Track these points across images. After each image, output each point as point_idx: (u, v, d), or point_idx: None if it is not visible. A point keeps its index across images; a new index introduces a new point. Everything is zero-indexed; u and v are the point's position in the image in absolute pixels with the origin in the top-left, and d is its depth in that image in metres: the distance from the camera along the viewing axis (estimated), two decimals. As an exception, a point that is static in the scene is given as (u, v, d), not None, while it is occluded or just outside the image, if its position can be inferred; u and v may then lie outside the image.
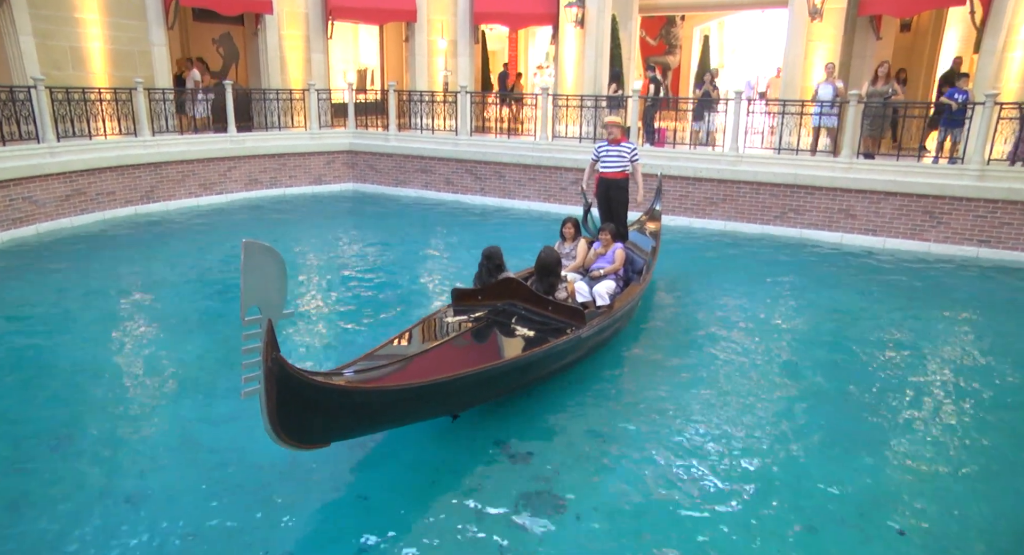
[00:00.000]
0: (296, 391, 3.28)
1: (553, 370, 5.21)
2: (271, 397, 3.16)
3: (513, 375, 4.66)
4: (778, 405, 5.28)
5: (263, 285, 2.90)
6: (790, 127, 11.20)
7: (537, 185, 12.79)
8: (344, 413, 3.69)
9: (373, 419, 3.97)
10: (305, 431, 3.49)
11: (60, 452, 4.43)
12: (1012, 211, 9.38)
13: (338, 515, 3.87)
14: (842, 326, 7.01)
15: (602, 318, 5.58)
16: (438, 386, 4.04)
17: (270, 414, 3.20)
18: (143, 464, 4.30)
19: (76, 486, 4.06)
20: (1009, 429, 4.98)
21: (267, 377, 3.10)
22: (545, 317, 5.28)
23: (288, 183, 14.02)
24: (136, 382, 5.46)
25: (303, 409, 3.38)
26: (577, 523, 3.81)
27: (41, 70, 11.00)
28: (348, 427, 3.89)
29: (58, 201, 10.48)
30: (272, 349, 3.08)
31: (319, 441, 3.67)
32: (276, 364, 3.13)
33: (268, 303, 2.97)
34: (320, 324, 6.91)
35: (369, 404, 3.78)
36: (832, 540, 3.72)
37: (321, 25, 15.31)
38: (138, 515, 3.80)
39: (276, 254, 2.92)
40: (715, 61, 24.98)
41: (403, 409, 4.07)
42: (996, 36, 11.26)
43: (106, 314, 6.97)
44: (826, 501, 4.06)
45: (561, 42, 15.25)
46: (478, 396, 4.64)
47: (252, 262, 2.85)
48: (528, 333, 5.06)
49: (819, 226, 10.62)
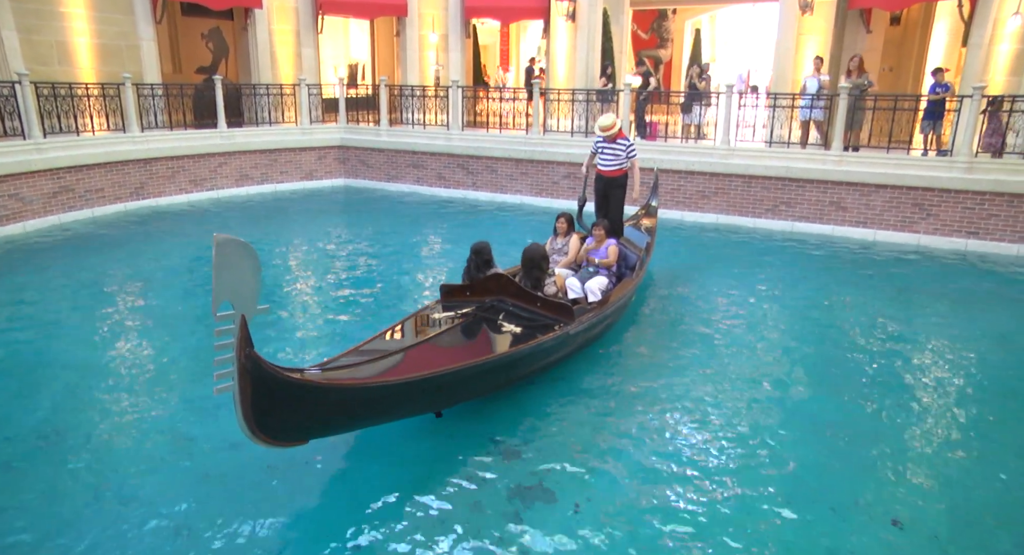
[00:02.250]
0: (271, 388, 3.24)
1: (541, 367, 5.17)
2: (245, 394, 3.13)
3: (498, 372, 4.60)
4: (770, 396, 5.30)
5: (236, 281, 2.89)
6: (781, 120, 11.24)
7: (529, 179, 12.77)
8: (321, 410, 3.64)
9: (352, 416, 3.92)
10: (281, 428, 3.45)
11: (48, 451, 4.39)
12: (999, 203, 9.45)
13: (331, 511, 3.86)
14: (834, 318, 7.05)
15: (591, 314, 5.53)
16: (419, 383, 3.98)
17: (244, 411, 3.18)
18: (134, 463, 4.28)
19: (66, 486, 4.03)
20: (1002, 420, 5.02)
21: (241, 374, 3.07)
22: (533, 313, 5.23)
23: (279, 179, 13.95)
24: (126, 380, 5.42)
25: (279, 406, 3.34)
26: (571, 517, 3.81)
27: (26, 65, 10.88)
28: (326, 424, 3.83)
29: (46, 198, 10.38)
30: (246, 345, 3.05)
31: (296, 438, 3.63)
32: (250, 360, 3.09)
33: (242, 299, 2.94)
34: (308, 319, 6.88)
35: (347, 401, 3.72)
36: (826, 530, 3.74)
37: (311, 19, 15.21)
38: (130, 515, 3.78)
39: (250, 249, 2.90)
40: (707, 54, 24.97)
41: (383, 406, 4.02)
42: (983, 29, 11.32)
43: (95, 312, 6.92)
44: (820, 491, 4.08)
45: (553, 36, 15.21)
46: (461, 393, 4.58)
47: (224, 258, 2.83)
48: (515, 329, 5.01)
49: (810, 219, 10.66)
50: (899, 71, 14.81)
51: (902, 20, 14.57)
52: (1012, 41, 11.00)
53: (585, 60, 14.75)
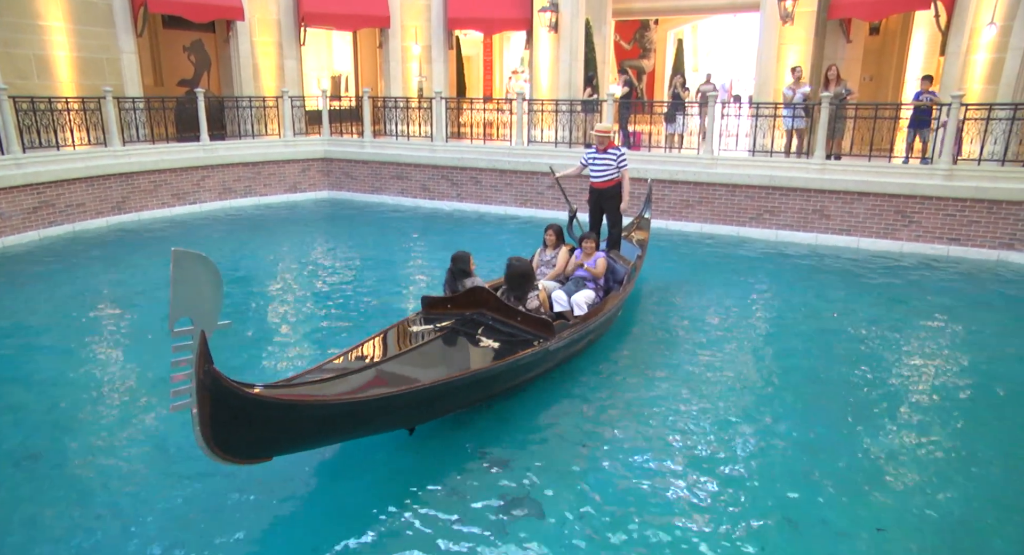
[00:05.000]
0: (232, 405, 3.16)
1: (520, 382, 5.07)
2: (204, 411, 3.05)
3: (473, 388, 4.50)
4: (756, 404, 5.30)
5: (195, 295, 2.84)
6: (763, 129, 11.32)
7: (513, 190, 12.78)
8: (285, 428, 3.54)
9: (318, 434, 3.81)
10: (243, 446, 3.35)
11: (27, 468, 4.30)
12: (979, 209, 9.56)
13: (316, 525, 3.80)
14: (819, 325, 7.07)
15: (573, 330, 5.40)
16: (389, 400, 3.89)
17: (203, 429, 3.08)
18: (117, 477, 4.20)
19: (49, 500, 3.94)
20: (988, 425, 5.05)
21: (199, 390, 2.99)
22: (513, 328, 5.14)
23: (263, 192, 13.86)
24: (109, 395, 5.33)
25: (240, 424, 3.25)
26: (557, 528, 3.77)
27: (4, 79, 10.76)
28: (291, 442, 3.72)
29: (25, 213, 10.24)
30: (205, 361, 2.98)
31: (259, 456, 3.53)
32: (209, 377, 3.01)
33: (201, 314, 2.89)
34: (288, 330, 6.81)
35: (313, 418, 3.61)
36: (811, 536, 3.73)
37: (294, 31, 15.18)
38: (112, 529, 3.71)
39: (209, 263, 2.85)
40: (689, 64, 25.20)
41: (351, 423, 3.91)
42: (960, 39, 11.50)
43: (77, 327, 6.81)
44: (806, 497, 4.08)
45: (536, 47, 15.27)
46: (435, 410, 4.48)
47: (182, 272, 2.78)
48: (493, 345, 4.93)
49: (794, 227, 10.73)
50: (879, 80, 14.99)
51: (881, 30, 14.78)
52: (988, 50, 11.17)
53: (568, 70, 14.81)
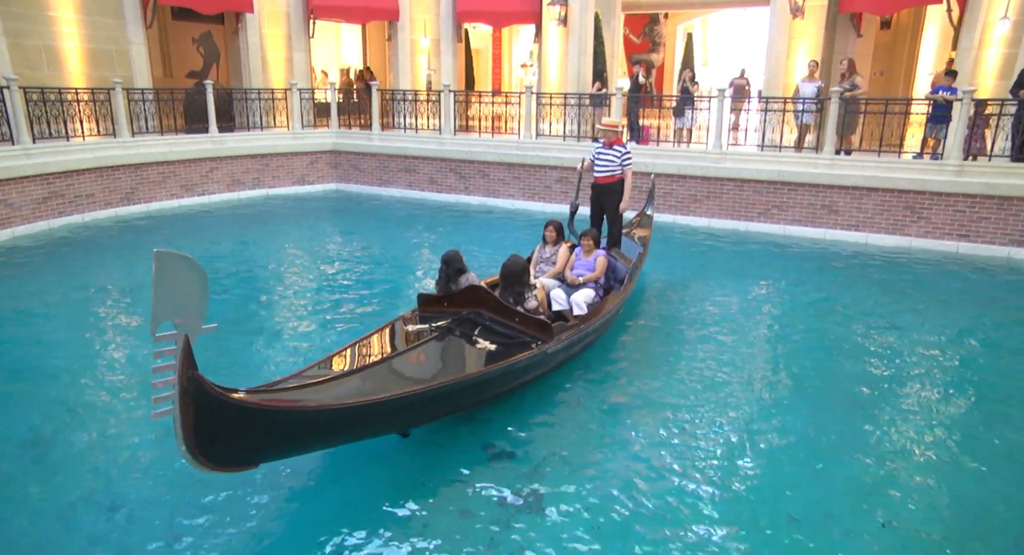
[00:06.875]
0: (216, 412, 3.04)
1: (518, 384, 4.97)
2: (187, 418, 2.93)
3: (468, 392, 4.40)
4: (762, 400, 5.29)
5: (179, 298, 2.74)
6: (773, 124, 11.26)
7: (521, 184, 12.76)
8: (273, 435, 3.42)
9: (306, 440, 3.70)
10: (228, 454, 3.22)
11: (35, 458, 4.34)
12: (989, 205, 9.48)
13: (323, 520, 3.81)
14: (826, 321, 7.05)
15: (572, 332, 5.28)
16: (380, 405, 3.78)
17: (186, 437, 2.96)
18: (120, 473, 4.23)
19: (51, 493, 3.99)
20: (994, 421, 5.02)
21: (182, 397, 2.87)
22: (511, 329, 5.00)
23: (271, 184, 13.89)
24: (115, 387, 5.36)
25: (225, 431, 3.13)
26: (563, 522, 3.78)
27: (14, 70, 10.79)
28: (278, 449, 3.61)
29: (35, 204, 10.30)
30: (188, 367, 2.86)
31: (245, 464, 3.40)
32: (192, 383, 2.90)
33: (186, 318, 2.78)
34: (290, 326, 6.82)
35: (300, 424, 3.50)
36: (816, 532, 3.73)
37: (303, 24, 15.19)
38: (118, 519, 3.75)
39: (194, 264, 2.75)
40: (699, 59, 25.08)
41: (341, 429, 3.78)
42: (972, 33, 11.38)
43: (85, 318, 6.86)
44: (811, 494, 4.08)
45: (544, 40, 15.22)
46: (429, 414, 4.35)
47: (165, 274, 2.68)
48: (490, 346, 4.79)
49: (803, 222, 10.67)
50: (890, 75, 14.88)
51: (892, 24, 14.65)
52: (1000, 45, 11.05)
53: (577, 64, 14.76)
